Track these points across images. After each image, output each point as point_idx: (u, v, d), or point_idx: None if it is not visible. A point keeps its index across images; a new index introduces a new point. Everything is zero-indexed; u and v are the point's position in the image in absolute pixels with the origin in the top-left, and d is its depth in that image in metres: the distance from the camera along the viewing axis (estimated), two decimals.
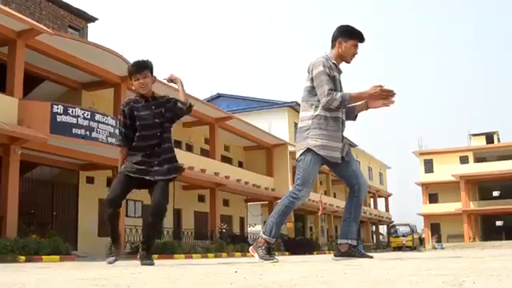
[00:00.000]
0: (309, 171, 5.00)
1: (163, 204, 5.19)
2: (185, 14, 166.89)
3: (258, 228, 34.58)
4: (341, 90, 5.09)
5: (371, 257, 5.23)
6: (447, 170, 61.13)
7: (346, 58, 5.18)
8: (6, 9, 16.98)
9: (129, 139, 5.35)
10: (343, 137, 5.13)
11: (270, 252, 5.00)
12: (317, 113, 5.00)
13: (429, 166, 65.32)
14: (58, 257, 13.99)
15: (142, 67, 5.29)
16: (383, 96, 4.98)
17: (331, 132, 4.99)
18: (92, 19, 27.65)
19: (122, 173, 5.31)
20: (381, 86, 4.94)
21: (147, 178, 5.19)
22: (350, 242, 5.11)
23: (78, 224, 20.35)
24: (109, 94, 21.25)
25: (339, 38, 5.15)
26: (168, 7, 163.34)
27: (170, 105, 5.38)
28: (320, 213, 35.94)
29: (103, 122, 18.41)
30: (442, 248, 50.90)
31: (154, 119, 5.26)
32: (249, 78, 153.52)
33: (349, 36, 5.13)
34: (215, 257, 20.77)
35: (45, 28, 17.43)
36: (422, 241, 51.37)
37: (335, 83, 5.02)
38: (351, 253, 5.10)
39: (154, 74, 5.41)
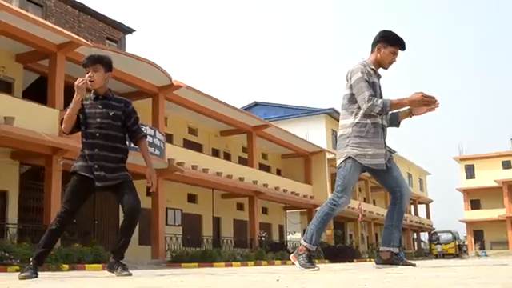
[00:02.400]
0: (349, 178, 4.96)
1: (138, 203, 4.90)
2: (222, 23, 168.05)
3: (298, 236, 34.43)
4: (381, 96, 5.04)
5: (414, 265, 5.15)
6: (489, 176, 59.99)
7: (384, 64, 5.13)
8: (47, 23, 17.37)
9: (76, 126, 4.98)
10: (385, 143, 5.08)
11: (310, 260, 4.96)
12: (357, 120, 4.96)
13: (470, 172, 64.23)
14: (99, 265, 14.17)
15: (94, 60, 4.97)
16: (425, 103, 4.92)
17: (372, 139, 4.94)
18: (129, 31, 28.10)
19: (74, 175, 4.94)
20: (422, 93, 4.88)
21: (92, 177, 4.88)
22: (391, 249, 5.04)
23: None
24: (147, 104, 21.51)
25: (380, 43, 5.10)
26: (205, 17, 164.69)
27: (127, 111, 5.07)
28: (360, 220, 35.62)
29: None
30: (486, 255, 49.90)
31: (95, 119, 4.92)
32: (286, 86, 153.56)
33: (389, 42, 5.08)
34: (255, 265, 20.76)
35: (84, 40, 17.77)
36: (460, 248, 50.17)
37: (375, 89, 4.97)
38: (393, 261, 5.03)
39: (111, 71, 5.10)
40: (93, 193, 5.10)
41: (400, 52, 5.14)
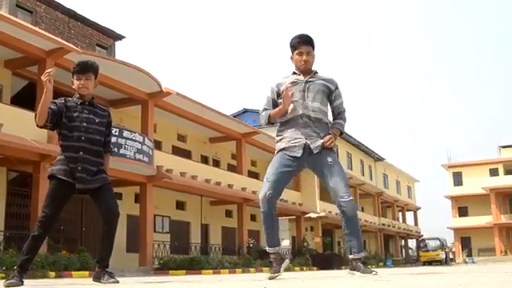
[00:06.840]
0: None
1: (117, 206, 4.93)
2: (211, 30, 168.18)
3: (286, 243, 34.38)
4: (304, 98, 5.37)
5: (371, 272, 4.98)
6: (477, 183, 60.27)
7: (298, 68, 5.40)
8: (36, 29, 17.32)
9: (53, 117, 4.93)
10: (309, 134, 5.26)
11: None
12: None
13: (458, 179, 64.52)
14: (87, 273, 14.10)
15: (87, 68, 5.04)
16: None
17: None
18: (119, 37, 28.05)
19: (53, 179, 4.98)
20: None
21: (71, 181, 4.87)
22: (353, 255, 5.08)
23: None
24: (136, 111, 21.46)
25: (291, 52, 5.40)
26: (195, 24, 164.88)
27: (108, 121, 5.17)
28: None
29: (131, 139, 18.59)
30: (473, 262, 50.06)
31: (81, 123, 4.94)
32: None
33: (293, 48, 5.34)
34: (243, 272, 20.73)
35: (73, 47, 17.72)
36: (447, 255, 49.96)
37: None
38: (355, 267, 5.04)
39: (98, 78, 5.16)
40: (72, 196, 5.08)
41: (305, 47, 5.31)
